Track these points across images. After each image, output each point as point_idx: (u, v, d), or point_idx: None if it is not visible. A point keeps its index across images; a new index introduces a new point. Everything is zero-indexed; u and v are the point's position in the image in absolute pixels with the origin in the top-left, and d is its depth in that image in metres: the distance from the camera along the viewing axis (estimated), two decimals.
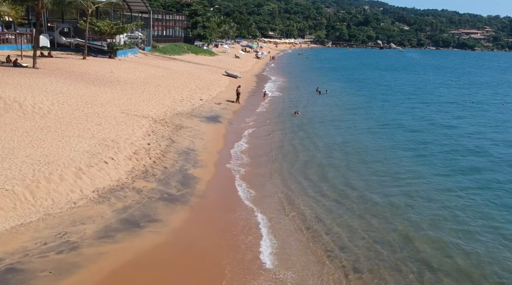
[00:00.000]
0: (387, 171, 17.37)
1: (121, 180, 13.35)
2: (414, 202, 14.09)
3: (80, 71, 31.38)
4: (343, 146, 21.44)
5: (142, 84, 30.83)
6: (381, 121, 28.79)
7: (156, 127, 19.79)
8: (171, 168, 15.34)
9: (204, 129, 22.02)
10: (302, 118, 28.58)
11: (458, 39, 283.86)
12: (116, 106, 22.43)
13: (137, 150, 15.83)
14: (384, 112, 32.99)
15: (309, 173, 16.77)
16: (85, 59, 37.61)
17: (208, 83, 37.81)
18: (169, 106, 25.14)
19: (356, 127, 26.39)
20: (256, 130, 24.34)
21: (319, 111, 31.91)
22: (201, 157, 17.47)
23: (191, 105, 27.13)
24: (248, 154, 19.00)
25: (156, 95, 27.54)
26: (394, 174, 17.04)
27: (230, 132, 22.91)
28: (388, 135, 24.34)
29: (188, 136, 19.94)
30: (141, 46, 55.69)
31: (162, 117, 22.01)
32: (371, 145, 21.69)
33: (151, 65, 42.37)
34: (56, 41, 43.64)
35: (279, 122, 27.02)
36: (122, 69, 35.39)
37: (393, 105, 36.68)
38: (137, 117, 20.67)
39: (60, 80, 26.56)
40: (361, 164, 18.34)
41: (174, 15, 77.67)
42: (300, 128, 25.42)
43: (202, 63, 55.45)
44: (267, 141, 21.89)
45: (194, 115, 24.64)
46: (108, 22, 42.36)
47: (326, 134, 24.18)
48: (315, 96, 39.64)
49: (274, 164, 17.91)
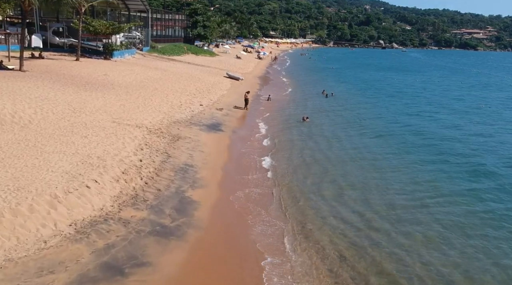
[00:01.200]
0: (411, 192, 15.23)
1: (105, 208, 11.22)
2: (448, 233, 11.96)
3: (72, 74, 29.25)
4: (357, 158, 19.31)
5: (138, 87, 28.70)
6: (394, 127, 26.63)
7: (151, 139, 17.65)
8: (165, 190, 13.20)
9: (204, 140, 19.89)
10: (310, 124, 26.44)
11: (460, 39, 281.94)
12: (107, 113, 20.30)
13: (126, 168, 13.69)
14: (396, 116, 30.83)
15: (326, 195, 14.62)
16: (78, 61, 35.48)
17: (209, 86, 35.68)
18: (166, 113, 23.00)
19: (368, 135, 24.24)
20: (262, 139, 22.20)
21: (327, 116, 29.76)
22: (201, 174, 15.33)
23: (190, 111, 24.99)
24: (255, 170, 16.86)
25: (153, 101, 25.41)
26: (416, 192, 14.92)
27: (234, 143, 20.76)
28: (404, 144, 22.19)
29: (186, 148, 17.80)
30: (139, 47, 53.59)
31: (158, 127, 19.87)
32: (388, 157, 19.54)
33: (148, 67, 40.23)
34: (49, 41, 41.54)
35: (287, 130, 24.86)
36: (117, 71, 33.25)
37: (404, 109, 34.51)
38: (129, 127, 18.53)
39: (47, 84, 24.42)
40: (381, 181, 16.19)
41: (173, 15, 75.53)
42: (310, 137, 23.24)
43: (202, 64, 53.32)
44: (275, 153, 19.73)
45: (194, 123, 22.50)
46: (103, 21, 40.17)
47: (337, 143, 22.03)
48: (322, 99, 37.51)
49: (284, 182, 15.77)
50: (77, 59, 35.69)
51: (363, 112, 32.14)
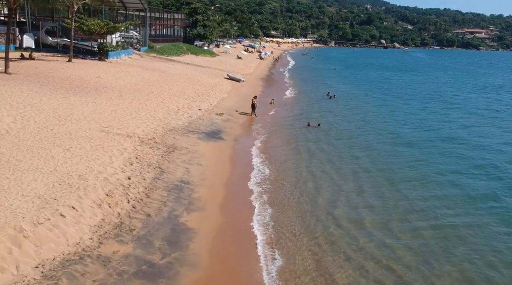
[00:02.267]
0: (439, 215, 13.38)
1: (83, 242, 9.37)
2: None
3: (62, 76, 27.41)
4: (371, 170, 17.47)
5: (133, 91, 26.85)
6: (406, 133, 24.78)
7: (143, 151, 15.80)
8: (156, 215, 11.35)
9: (202, 150, 18.03)
10: (317, 131, 24.59)
11: (462, 39, 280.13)
12: (96, 121, 18.44)
13: (112, 189, 11.84)
14: (405, 120, 29.09)
15: (342, 222, 12.77)
16: (70, 62, 33.62)
17: (208, 88, 33.83)
18: (162, 120, 21.14)
19: (379, 142, 22.40)
20: (267, 148, 20.31)
21: (334, 121, 27.87)
22: (198, 193, 13.48)
23: (188, 117, 23.13)
24: (261, 188, 15.00)
25: (147, 105, 23.56)
26: (446, 216, 13.08)
27: (235, 153, 18.89)
28: (422, 152, 20.35)
29: (183, 161, 15.95)
30: (136, 47, 51.70)
31: (151, 136, 18.02)
32: (404, 169, 17.71)
33: (145, 68, 38.37)
34: (42, 41, 39.68)
35: (292, 138, 22.94)
36: (111, 73, 31.40)
37: (414, 112, 32.70)
38: (119, 137, 16.68)
39: (33, 88, 22.60)
40: (402, 201, 14.36)
41: (173, 14, 73.61)
42: (318, 146, 21.35)
43: (202, 64, 51.46)
44: (280, 165, 17.86)
45: (191, 131, 20.64)
46: (98, 20, 38.31)
47: (348, 153, 20.16)
48: (327, 102, 35.63)
49: (292, 200, 13.91)
50: (70, 60, 33.84)
51: (371, 115, 30.30)
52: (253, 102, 27.91)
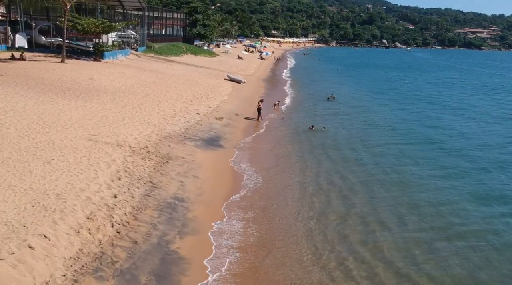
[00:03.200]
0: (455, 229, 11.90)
1: (53, 281, 7.87)
2: None
3: (52, 78, 25.93)
4: (384, 181, 16.00)
5: (127, 94, 25.37)
6: (416, 139, 23.29)
7: (133, 162, 14.30)
8: (144, 242, 9.86)
9: (200, 160, 16.54)
10: (323, 136, 23.10)
11: (464, 38, 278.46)
12: (84, 128, 16.95)
13: (94, 211, 10.35)
14: (413, 124, 27.59)
15: (356, 248, 11.29)
16: (63, 63, 32.13)
17: (207, 90, 32.32)
18: (157, 126, 19.65)
19: (389, 148, 20.92)
20: (269, 157, 18.82)
21: (340, 125, 26.37)
22: (193, 212, 11.99)
23: (185, 122, 21.63)
24: (264, 203, 13.51)
25: (142, 110, 22.06)
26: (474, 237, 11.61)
27: (235, 162, 17.38)
28: (434, 162, 18.86)
29: (177, 173, 14.45)
30: (134, 47, 50.21)
31: (144, 144, 16.52)
32: (416, 176, 16.23)
33: (142, 69, 36.89)
34: (35, 41, 38.19)
35: (297, 143, 21.41)
36: (105, 75, 29.91)
37: (423, 116, 31.17)
38: (108, 147, 15.19)
39: (20, 91, 21.12)
40: (422, 222, 12.88)
41: (172, 13, 72.06)
42: (324, 153, 19.85)
43: (201, 65, 49.96)
44: (283, 178, 16.37)
45: (188, 138, 19.14)
46: (93, 19, 36.82)
47: (356, 160, 18.66)
48: (332, 104, 34.10)
49: (308, 226, 12.44)
50: (62, 61, 32.34)
51: (376, 118, 28.78)
52: (258, 106, 26.41)
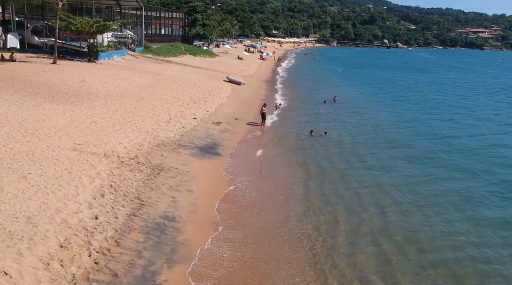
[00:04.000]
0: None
1: None
2: None
3: (41, 80, 24.65)
4: (393, 191, 14.69)
5: (120, 97, 24.09)
6: (424, 143, 21.96)
7: (121, 175, 12.98)
8: (125, 274, 8.53)
9: (195, 170, 15.23)
10: (326, 141, 21.79)
11: (465, 38, 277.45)
12: (70, 136, 15.64)
13: (69, 237, 9.03)
14: (422, 128, 26.24)
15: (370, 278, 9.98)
16: (55, 64, 30.85)
17: (206, 93, 31.02)
18: (149, 132, 18.33)
19: (396, 155, 19.61)
20: (270, 166, 17.49)
21: (343, 130, 25.03)
22: (185, 234, 10.68)
23: (181, 128, 20.31)
24: (265, 221, 12.20)
25: (135, 114, 20.75)
26: None
27: (234, 173, 16.03)
28: (447, 169, 17.55)
29: (169, 187, 13.14)
30: (131, 47, 48.94)
31: (134, 154, 15.21)
32: (433, 191, 14.93)
33: (138, 70, 35.60)
34: (27, 41, 36.93)
35: (299, 150, 20.09)
36: (99, 77, 28.63)
37: (430, 118, 29.83)
38: (94, 157, 13.88)
39: (3, 95, 19.85)
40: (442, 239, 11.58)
41: (171, 13, 70.74)
42: (328, 162, 18.52)
43: (200, 66, 48.65)
44: (289, 190, 15.06)
45: (183, 145, 17.83)
46: (86, 18, 35.53)
47: (364, 171, 17.35)
48: (334, 108, 32.74)
49: (314, 252, 11.13)
50: (54, 62, 31.07)
51: (382, 123, 27.44)
52: (262, 111, 24.96)
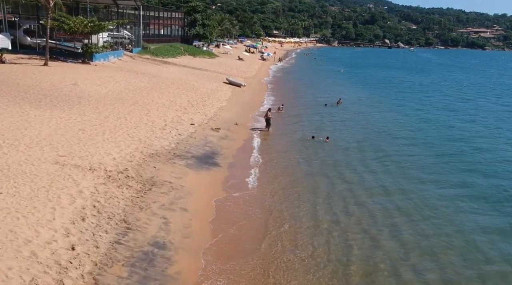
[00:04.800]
0: None
1: None
2: None
3: (30, 83, 23.24)
4: (407, 208, 13.28)
5: (114, 101, 22.68)
6: (436, 150, 20.51)
7: (106, 193, 11.56)
8: None
9: (191, 184, 13.80)
10: (331, 148, 20.35)
11: (467, 38, 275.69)
12: (53, 147, 14.22)
13: (37, 276, 7.58)
14: (432, 134, 24.83)
15: None
16: (46, 66, 29.45)
17: (204, 96, 29.60)
18: (142, 141, 16.91)
19: (406, 165, 18.20)
20: (273, 177, 16.03)
21: (349, 135, 23.52)
22: (177, 264, 9.24)
23: (177, 134, 18.90)
24: (268, 244, 10.77)
25: (128, 120, 19.33)
26: None
27: (234, 187, 14.60)
28: (463, 181, 16.12)
29: (161, 206, 11.71)
30: (128, 48, 47.52)
31: (124, 166, 13.77)
32: (449, 208, 13.50)
33: (134, 72, 34.19)
34: (19, 41, 35.53)
35: (303, 158, 18.64)
36: (92, 79, 27.21)
37: (439, 123, 28.42)
38: (78, 172, 12.45)
39: None
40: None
41: (170, 12, 69.30)
42: (336, 171, 17.06)
43: (199, 67, 47.23)
44: (293, 204, 13.62)
45: (179, 155, 16.41)
46: (80, 18, 34.11)
47: (373, 183, 15.90)
48: (339, 111, 31.28)
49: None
50: (46, 63, 29.67)
51: (389, 127, 26.00)
52: (267, 116, 23.39)
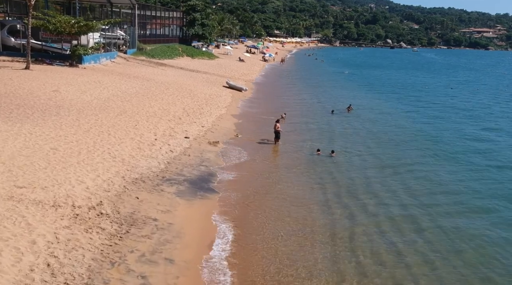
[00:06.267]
0: None
1: None
2: None
3: (3, 91, 20.63)
4: (437, 239, 10.68)
5: (98, 110, 20.07)
6: (465, 166, 17.88)
7: (69, 242, 8.91)
8: None
9: (181, 220, 11.17)
10: (340, 162, 17.69)
11: (469, 38, 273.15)
12: (12, 174, 11.58)
13: None
14: (455, 145, 22.20)
15: None
16: (28, 69, 26.84)
17: (202, 102, 27.00)
18: (126, 161, 14.27)
19: (434, 188, 15.60)
20: (282, 206, 13.37)
21: (362, 147, 20.88)
22: None
23: (168, 151, 16.28)
24: None
25: (111, 135, 16.71)
26: None
27: (231, 220, 11.91)
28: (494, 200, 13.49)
29: (139, 257, 9.07)
30: (122, 49, 44.88)
31: (98, 199, 11.14)
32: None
33: (127, 76, 31.59)
34: (2, 42, 32.91)
35: (312, 177, 15.97)
36: (76, 85, 24.60)
37: (460, 132, 25.82)
38: (36, 211, 9.80)
39: None
40: None
41: (167, 11, 66.62)
42: (352, 195, 14.43)
43: (198, 69, 44.66)
44: (308, 255, 10.98)
45: (169, 179, 13.78)
46: (66, 17, 31.48)
47: (393, 208, 13.26)
48: (349, 119, 28.58)
49: None
50: (27, 67, 27.06)
51: (405, 136, 23.31)
52: (276, 128, 20.32)
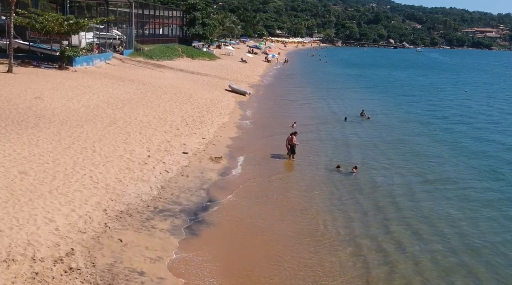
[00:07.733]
0: None
1: None
2: None
3: None
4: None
5: (84, 121, 17.58)
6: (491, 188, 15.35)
7: None
8: None
9: (176, 273, 8.69)
10: (364, 182, 15.15)
11: (472, 38, 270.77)
12: None
13: None
14: (485, 157, 19.58)
15: None
16: (10, 73, 24.38)
17: (203, 108, 24.50)
18: (111, 187, 11.77)
19: (475, 208, 13.08)
20: (291, 253, 10.86)
21: (384, 158, 18.37)
22: None
23: (163, 172, 13.77)
24: None
25: (96, 152, 14.20)
26: None
27: (234, 268, 9.45)
28: None
29: None
30: (119, 49, 42.43)
31: (68, 246, 8.61)
32: None
33: (120, 79, 29.09)
34: None
35: (332, 205, 13.43)
36: (63, 91, 22.11)
37: (488, 143, 23.28)
38: None
39: None
40: None
41: (167, 11, 64.13)
42: (380, 221, 11.90)
43: (198, 71, 42.14)
44: None
45: (161, 210, 11.28)
46: (54, 15, 29.00)
47: (425, 234, 10.75)
48: (364, 127, 26.01)
49: None
50: (9, 70, 24.60)
51: (429, 149, 20.75)
52: (292, 142, 17.55)
